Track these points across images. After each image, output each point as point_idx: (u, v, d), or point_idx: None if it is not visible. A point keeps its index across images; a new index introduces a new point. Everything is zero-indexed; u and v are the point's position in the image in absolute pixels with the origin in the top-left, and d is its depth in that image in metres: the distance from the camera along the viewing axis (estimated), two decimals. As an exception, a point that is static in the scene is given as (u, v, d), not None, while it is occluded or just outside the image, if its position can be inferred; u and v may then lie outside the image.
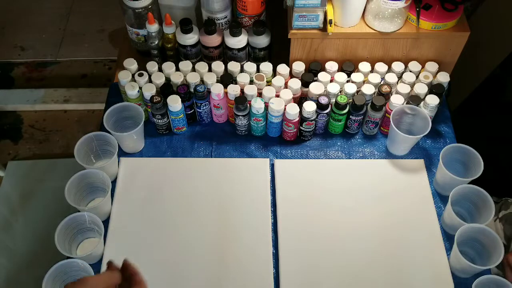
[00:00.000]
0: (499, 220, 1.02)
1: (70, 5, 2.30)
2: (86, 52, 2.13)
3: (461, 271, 0.87)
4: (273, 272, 0.88)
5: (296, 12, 0.95)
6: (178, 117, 1.01)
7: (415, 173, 1.00)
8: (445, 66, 1.06)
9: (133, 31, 1.10)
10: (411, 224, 0.93)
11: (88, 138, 0.96)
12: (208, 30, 1.03)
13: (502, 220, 1.01)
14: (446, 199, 0.91)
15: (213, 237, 0.91)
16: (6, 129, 1.91)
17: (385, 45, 1.03)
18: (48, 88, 1.97)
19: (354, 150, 1.04)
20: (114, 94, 1.11)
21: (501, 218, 1.02)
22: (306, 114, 0.97)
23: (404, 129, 1.01)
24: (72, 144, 1.14)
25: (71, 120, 1.93)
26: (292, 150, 1.04)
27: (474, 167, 0.93)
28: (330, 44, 1.03)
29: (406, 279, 0.87)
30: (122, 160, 1.01)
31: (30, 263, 1.52)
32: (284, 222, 0.93)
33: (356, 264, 0.89)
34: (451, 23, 0.99)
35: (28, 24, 2.22)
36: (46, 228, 1.54)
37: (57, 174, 1.70)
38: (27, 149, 1.84)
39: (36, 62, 2.10)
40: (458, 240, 0.84)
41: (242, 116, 1.00)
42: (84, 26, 2.21)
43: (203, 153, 1.04)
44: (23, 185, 1.70)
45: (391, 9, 0.95)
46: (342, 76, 1.02)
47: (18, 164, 1.77)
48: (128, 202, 0.96)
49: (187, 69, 1.03)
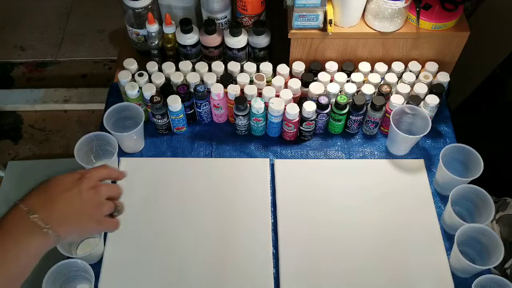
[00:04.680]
0: (496, 222, 1.02)
1: (70, 5, 2.30)
2: (86, 52, 2.12)
3: (461, 271, 0.87)
4: (273, 272, 0.88)
5: (296, 12, 0.95)
6: (178, 117, 1.01)
7: (415, 173, 1.00)
8: (445, 66, 1.06)
9: (133, 31, 1.10)
10: (411, 224, 0.93)
11: (88, 138, 0.96)
12: (208, 30, 1.03)
13: (499, 222, 1.01)
14: (446, 199, 0.91)
15: (213, 237, 0.91)
16: (6, 129, 1.91)
17: (385, 45, 1.03)
18: (48, 88, 1.97)
19: (354, 150, 1.04)
20: (114, 94, 1.11)
21: (498, 220, 1.02)
22: (306, 114, 0.97)
23: (404, 129, 1.01)
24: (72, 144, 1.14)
25: (71, 120, 1.93)
26: (292, 150, 1.04)
27: (474, 167, 0.93)
28: (330, 44, 1.03)
29: (406, 279, 0.87)
30: (122, 160, 1.01)
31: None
32: (284, 222, 0.93)
33: (356, 264, 0.89)
34: (451, 23, 0.99)
35: (28, 24, 2.22)
36: (46, 228, 1.53)
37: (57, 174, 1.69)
38: (27, 149, 1.84)
39: (36, 62, 2.10)
40: (458, 240, 0.84)
41: (242, 116, 1.00)
42: (84, 26, 2.21)
43: (203, 153, 1.04)
44: (23, 185, 1.69)
45: (391, 9, 0.95)
46: (342, 76, 1.02)
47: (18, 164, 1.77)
48: (128, 202, 0.95)
49: (187, 69, 1.03)
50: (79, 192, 0.58)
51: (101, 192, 0.60)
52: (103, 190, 0.61)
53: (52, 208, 0.56)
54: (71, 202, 0.57)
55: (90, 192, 0.59)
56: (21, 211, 0.55)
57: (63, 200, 0.57)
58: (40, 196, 0.57)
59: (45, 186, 0.59)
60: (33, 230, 0.54)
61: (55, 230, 0.55)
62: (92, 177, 0.60)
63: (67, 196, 0.57)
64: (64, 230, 0.56)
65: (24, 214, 0.54)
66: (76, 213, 0.58)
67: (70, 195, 0.58)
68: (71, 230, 0.58)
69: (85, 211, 0.59)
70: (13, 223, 0.54)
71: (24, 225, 0.54)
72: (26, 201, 0.56)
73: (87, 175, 0.60)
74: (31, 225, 0.54)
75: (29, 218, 0.54)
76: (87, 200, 0.58)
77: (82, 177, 0.60)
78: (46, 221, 0.55)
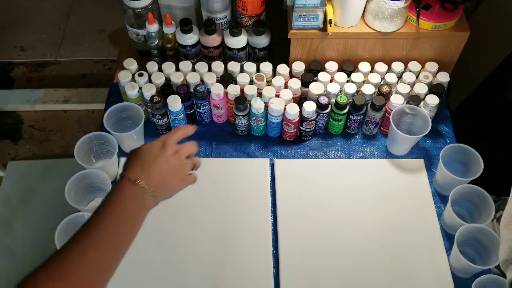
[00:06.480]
0: (496, 220, 1.02)
1: (70, 5, 2.30)
2: (86, 52, 2.13)
3: (461, 271, 0.87)
4: (273, 272, 0.88)
5: (296, 12, 0.95)
6: (178, 117, 1.01)
7: (415, 173, 1.00)
8: (445, 66, 1.06)
9: (133, 31, 1.10)
10: (411, 224, 0.93)
11: (88, 138, 0.96)
12: (208, 30, 1.03)
13: (499, 220, 1.01)
14: (446, 199, 0.91)
15: (213, 237, 0.91)
16: (6, 129, 1.91)
17: (385, 45, 1.03)
18: (48, 88, 1.97)
19: (354, 150, 1.04)
20: (114, 94, 1.11)
21: (498, 218, 1.01)
22: (306, 114, 0.97)
23: (404, 129, 1.01)
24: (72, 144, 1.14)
25: (71, 120, 1.93)
26: (292, 150, 1.04)
27: (474, 167, 0.93)
28: (330, 44, 1.03)
29: (406, 279, 0.87)
30: (122, 160, 1.01)
31: (30, 263, 1.52)
32: (284, 222, 0.93)
33: (356, 263, 0.89)
34: (451, 23, 0.99)
35: (28, 24, 2.22)
36: (46, 228, 1.53)
37: (57, 174, 1.70)
38: (27, 149, 1.84)
39: (36, 62, 2.10)
40: (458, 240, 0.84)
41: (242, 116, 1.00)
42: (84, 26, 2.21)
43: (203, 153, 1.04)
44: (23, 185, 1.70)
45: (391, 9, 0.95)
46: (342, 76, 1.02)
47: (18, 164, 1.77)
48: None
49: (187, 69, 1.03)
50: (167, 159, 0.68)
51: (182, 154, 0.71)
52: (183, 153, 0.71)
53: (150, 175, 0.66)
54: (162, 168, 0.67)
55: (174, 156, 0.69)
56: (130, 181, 0.64)
57: (156, 167, 0.67)
58: (138, 166, 0.66)
59: (138, 157, 0.68)
60: (143, 195, 0.64)
61: (156, 193, 0.66)
62: (172, 142, 0.70)
63: (158, 163, 0.67)
64: (161, 192, 0.67)
65: (133, 183, 0.64)
66: (167, 177, 0.68)
67: (160, 162, 0.67)
68: (165, 191, 0.68)
69: (173, 174, 0.69)
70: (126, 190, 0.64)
71: (136, 191, 0.64)
72: (130, 173, 0.65)
73: (168, 141, 0.70)
74: (142, 191, 0.64)
75: (138, 185, 0.64)
76: (173, 164, 0.69)
77: (165, 144, 0.69)
78: (149, 186, 0.65)
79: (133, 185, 0.64)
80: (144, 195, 0.65)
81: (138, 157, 0.67)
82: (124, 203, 0.63)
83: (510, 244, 0.66)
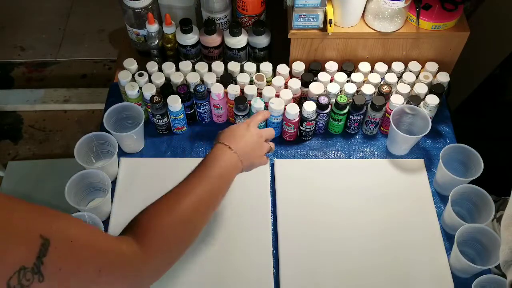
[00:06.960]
0: (497, 220, 1.02)
1: (70, 5, 2.30)
2: (86, 52, 2.13)
3: (461, 271, 0.87)
4: (273, 272, 0.88)
5: (296, 12, 0.95)
6: (178, 117, 1.01)
7: (415, 173, 1.00)
8: (445, 66, 1.06)
9: (133, 31, 1.10)
10: (411, 224, 0.93)
11: (88, 138, 0.96)
12: (208, 30, 1.03)
13: (499, 220, 1.01)
14: (446, 199, 0.91)
15: (213, 237, 0.91)
16: (6, 129, 1.91)
17: (385, 45, 1.03)
18: (48, 88, 1.97)
19: (354, 150, 1.04)
20: (114, 94, 1.11)
21: (498, 218, 1.01)
22: (306, 114, 0.97)
23: (404, 129, 1.01)
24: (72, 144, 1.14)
25: (71, 120, 1.93)
26: (292, 150, 1.04)
27: (474, 167, 0.93)
28: (330, 44, 1.03)
29: (406, 279, 0.87)
30: (122, 160, 1.01)
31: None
32: (284, 222, 0.93)
33: (356, 263, 0.89)
34: (451, 23, 0.99)
35: (28, 24, 2.22)
36: (46, 228, 1.53)
37: (57, 174, 1.69)
38: (27, 149, 1.85)
39: (36, 62, 2.10)
40: (458, 240, 0.84)
41: (242, 116, 1.00)
42: (84, 26, 2.21)
43: (203, 153, 1.04)
44: (23, 185, 1.70)
45: (391, 9, 0.95)
46: (342, 76, 1.02)
47: (18, 164, 1.77)
48: (128, 202, 0.96)
49: (187, 69, 1.03)
50: (251, 137, 0.79)
51: (263, 137, 0.82)
52: (264, 135, 0.83)
53: (238, 145, 0.76)
54: (247, 143, 0.78)
55: (257, 136, 0.80)
56: (225, 146, 0.75)
57: (243, 142, 0.78)
58: (231, 137, 0.77)
59: (229, 132, 0.79)
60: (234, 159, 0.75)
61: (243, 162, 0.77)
62: (255, 125, 0.82)
63: (245, 139, 0.78)
64: (245, 163, 0.77)
65: (227, 148, 0.75)
66: (251, 152, 0.79)
67: (246, 139, 0.78)
68: (248, 163, 0.78)
69: (255, 150, 0.80)
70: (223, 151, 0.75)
71: (230, 154, 0.75)
72: (224, 141, 0.76)
73: (252, 123, 0.81)
74: (232, 155, 0.75)
75: (231, 150, 0.75)
76: (256, 142, 0.80)
77: (249, 125, 0.80)
78: (239, 154, 0.76)
79: (228, 149, 0.75)
80: (235, 160, 0.75)
81: (229, 132, 0.79)
82: (221, 160, 0.73)
83: (511, 245, 0.66)
